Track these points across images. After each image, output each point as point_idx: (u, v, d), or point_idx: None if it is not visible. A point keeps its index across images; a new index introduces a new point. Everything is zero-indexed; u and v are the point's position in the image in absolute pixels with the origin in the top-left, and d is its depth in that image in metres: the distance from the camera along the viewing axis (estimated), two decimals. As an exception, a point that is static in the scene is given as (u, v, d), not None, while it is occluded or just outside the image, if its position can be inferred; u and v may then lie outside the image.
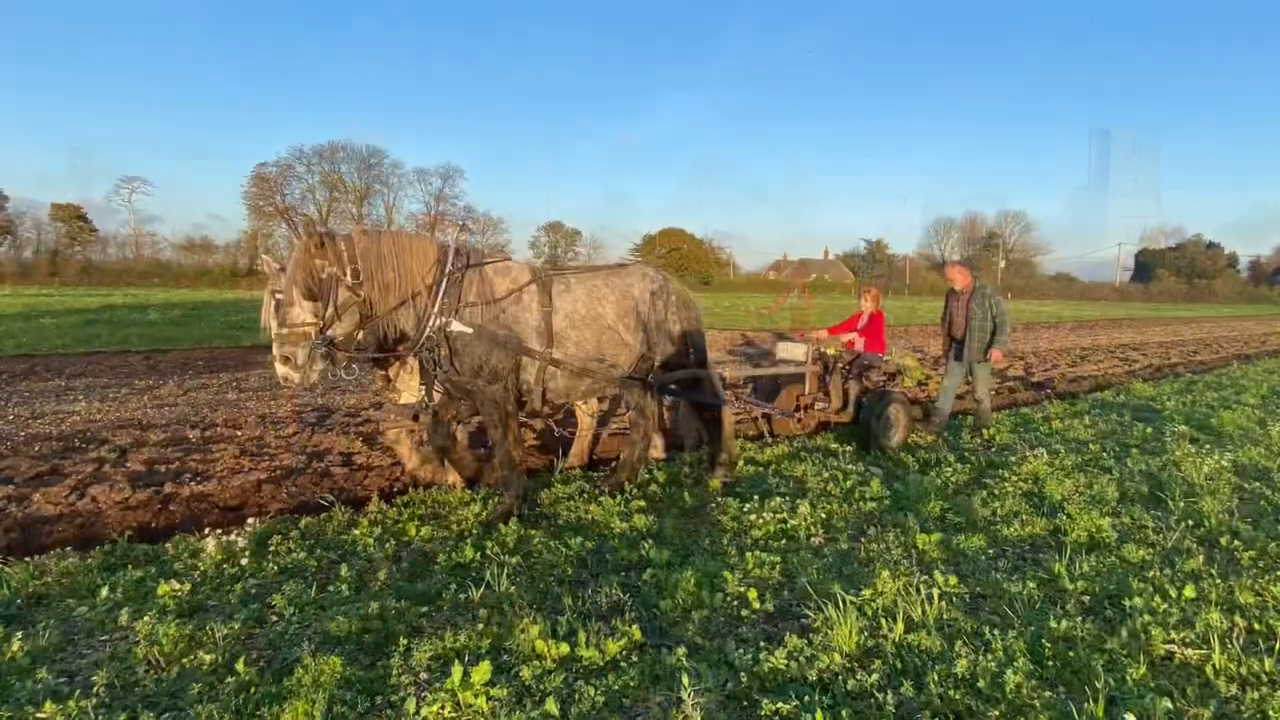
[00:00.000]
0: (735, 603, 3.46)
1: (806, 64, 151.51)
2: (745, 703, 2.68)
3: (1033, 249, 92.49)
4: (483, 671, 2.67)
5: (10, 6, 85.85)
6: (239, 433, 7.00)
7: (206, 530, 4.16)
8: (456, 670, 2.66)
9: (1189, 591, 3.54)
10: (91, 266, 49.39)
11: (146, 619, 3.11)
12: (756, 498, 4.93)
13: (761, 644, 3.03)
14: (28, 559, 3.83)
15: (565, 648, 2.92)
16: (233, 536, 3.98)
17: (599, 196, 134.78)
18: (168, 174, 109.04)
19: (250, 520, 4.25)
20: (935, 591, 3.41)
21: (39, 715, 2.49)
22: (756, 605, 3.41)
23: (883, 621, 3.20)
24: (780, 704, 2.60)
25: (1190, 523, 4.64)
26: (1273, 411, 8.96)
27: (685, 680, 2.69)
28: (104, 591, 3.42)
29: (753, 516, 4.59)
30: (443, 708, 2.56)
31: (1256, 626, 3.27)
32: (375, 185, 67.73)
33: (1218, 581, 3.69)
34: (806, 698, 2.65)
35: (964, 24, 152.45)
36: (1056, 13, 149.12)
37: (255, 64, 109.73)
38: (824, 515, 4.68)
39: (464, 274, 4.42)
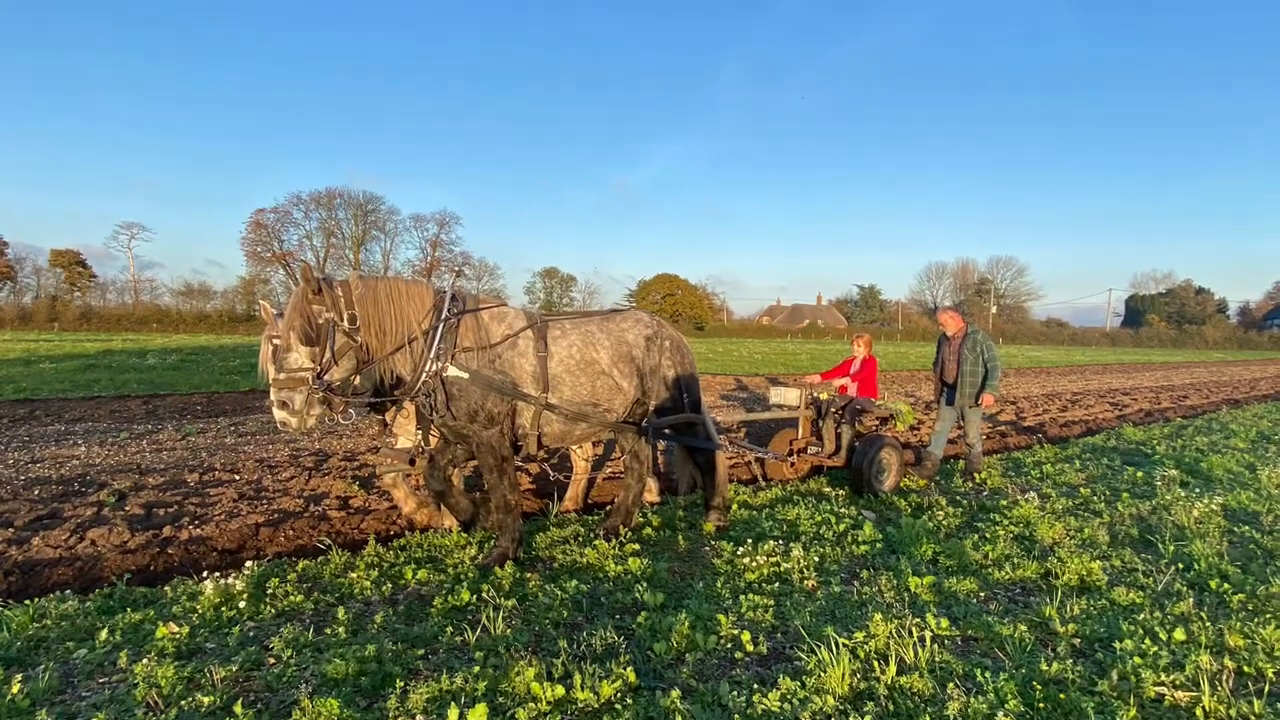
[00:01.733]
0: (729, 645, 3.48)
1: (800, 110, 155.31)
2: (739, 744, 2.70)
3: (1024, 294, 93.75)
4: (479, 714, 2.70)
5: (11, 52, 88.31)
6: (237, 477, 7.03)
7: (205, 573, 4.16)
8: (453, 712, 2.68)
9: (1179, 634, 3.57)
10: (91, 312, 49.75)
11: (145, 661, 3.12)
12: (750, 541, 4.95)
13: (755, 686, 3.05)
14: (27, 602, 3.84)
15: (560, 690, 2.94)
16: (231, 579, 3.99)
17: (594, 242, 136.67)
18: (166, 220, 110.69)
19: (248, 563, 4.25)
20: (927, 634, 3.44)
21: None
22: (750, 648, 3.44)
23: (875, 664, 3.22)
24: (773, 745, 2.63)
25: (1180, 566, 4.68)
26: (1262, 456, 9.05)
27: (679, 721, 2.71)
28: (103, 634, 3.44)
29: (746, 560, 4.62)
30: (439, 749, 2.57)
31: (1246, 669, 3.30)
32: (372, 231, 68.85)
33: (1207, 624, 3.72)
34: (799, 739, 2.67)
35: (956, 72, 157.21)
36: (1047, 60, 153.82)
37: (254, 111, 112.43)
38: (817, 558, 4.72)
39: (460, 319, 4.48)
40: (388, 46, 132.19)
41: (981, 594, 4.22)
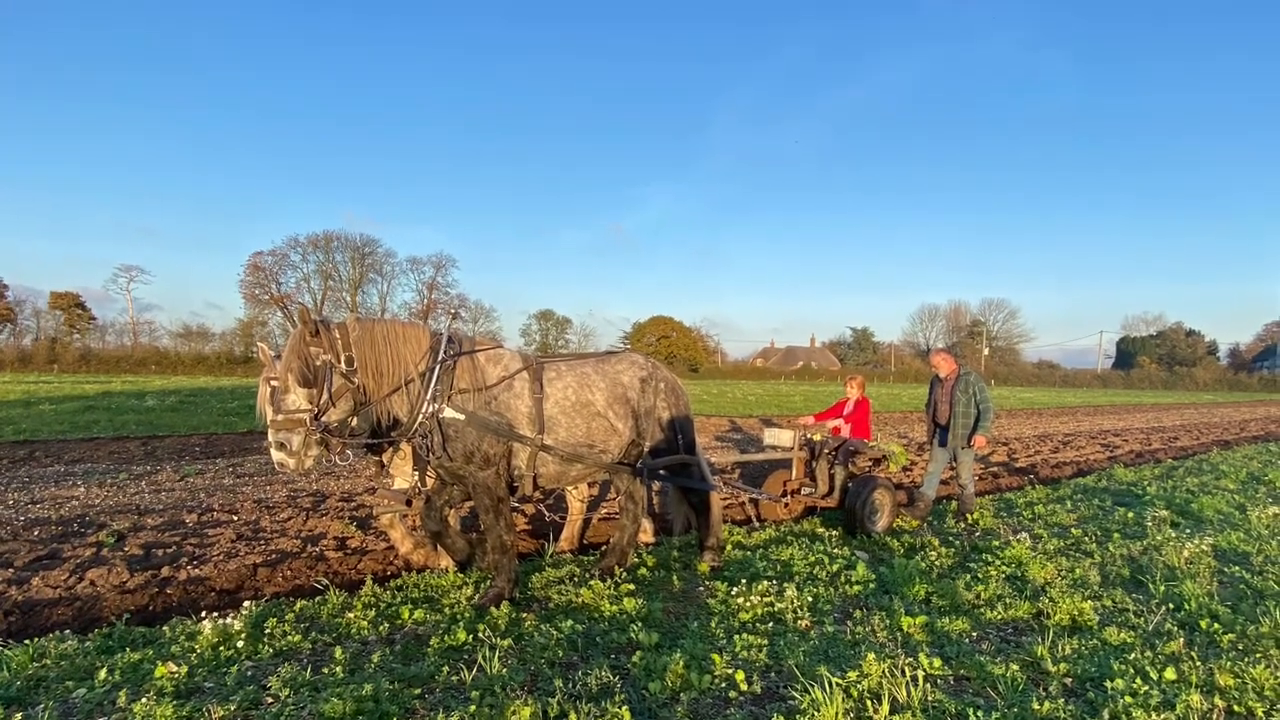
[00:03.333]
0: (723, 685, 3.50)
1: (793, 155, 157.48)
2: (732, 782, 2.72)
3: (1016, 336, 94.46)
4: (476, 750, 2.72)
5: (13, 99, 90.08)
6: (235, 517, 7.05)
7: (203, 613, 4.18)
8: (450, 749, 2.71)
9: (1169, 674, 3.60)
10: (90, 354, 49.73)
11: (144, 701, 3.13)
12: (744, 581, 4.99)
13: (749, 725, 3.08)
14: (27, 641, 3.86)
15: (557, 728, 2.97)
16: (229, 619, 4.00)
17: (590, 285, 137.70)
18: (165, 263, 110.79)
19: (246, 603, 4.27)
20: (920, 674, 3.47)
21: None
22: (744, 687, 3.46)
23: (868, 703, 3.25)
24: (766, 782, 2.65)
25: (1171, 606, 4.72)
26: (1252, 497, 9.12)
27: (674, 759, 2.73)
28: (102, 673, 3.45)
29: (740, 600, 4.65)
30: (436, 787, 2.59)
31: (1236, 709, 3.34)
32: (369, 274, 69.28)
33: (1198, 664, 3.76)
34: (792, 776, 2.70)
35: (948, 118, 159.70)
36: (1038, 106, 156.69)
37: (252, 155, 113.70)
38: (810, 598, 4.75)
39: (456, 361, 4.55)
40: (385, 92, 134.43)
41: (974, 634, 4.25)
